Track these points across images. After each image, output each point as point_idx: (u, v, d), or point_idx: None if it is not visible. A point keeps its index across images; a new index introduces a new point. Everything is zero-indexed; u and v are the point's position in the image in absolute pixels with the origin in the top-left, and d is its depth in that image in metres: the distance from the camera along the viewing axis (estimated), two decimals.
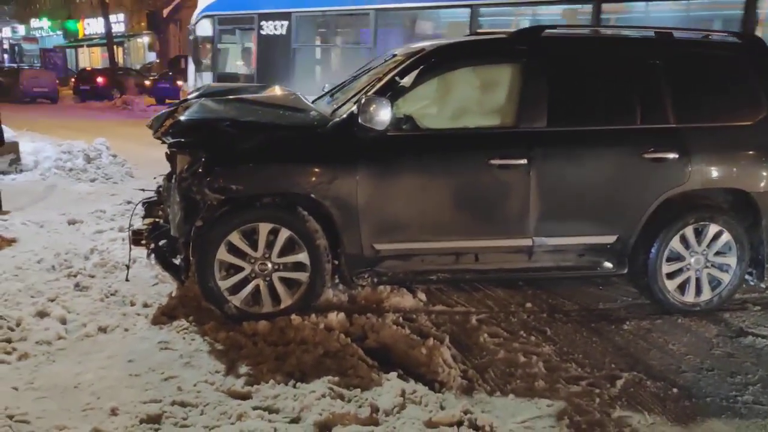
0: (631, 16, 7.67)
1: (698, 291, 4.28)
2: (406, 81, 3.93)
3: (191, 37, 11.38)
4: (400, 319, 4.00)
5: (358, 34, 9.76)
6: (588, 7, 7.28)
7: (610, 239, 4.16)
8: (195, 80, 11.24)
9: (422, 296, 4.41)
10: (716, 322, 4.18)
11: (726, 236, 4.22)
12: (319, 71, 10.06)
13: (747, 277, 4.43)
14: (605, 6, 7.23)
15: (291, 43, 9.80)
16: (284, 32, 9.85)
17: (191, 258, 3.81)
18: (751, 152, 4.23)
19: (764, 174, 4.23)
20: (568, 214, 4.09)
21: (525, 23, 8.09)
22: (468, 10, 7.97)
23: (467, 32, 7.09)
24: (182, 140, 3.91)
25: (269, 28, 10.01)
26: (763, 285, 4.73)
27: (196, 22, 11.13)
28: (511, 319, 4.13)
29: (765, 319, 4.26)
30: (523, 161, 3.95)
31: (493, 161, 3.93)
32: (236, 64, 11.25)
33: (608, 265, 4.22)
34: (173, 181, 3.90)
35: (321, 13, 9.80)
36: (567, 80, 4.14)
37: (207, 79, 10.93)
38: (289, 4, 9.83)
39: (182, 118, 4.11)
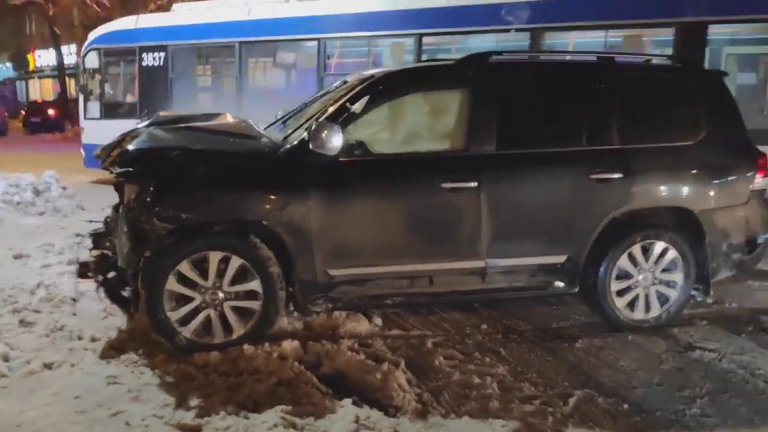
0: (566, 41, 8.03)
1: (647, 307, 4.38)
2: (357, 107, 3.97)
3: (80, 69, 12.06)
4: (356, 344, 3.97)
5: (227, 64, 10.79)
6: (526, 35, 7.71)
7: (561, 259, 4.23)
8: (85, 111, 11.87)
9: (378, 321, 4.40)
10: (665, 337, 4.27)
11: (672, 253, 4.35)
12: (194, 99, 10.98)
13: (693, 292, 4.55)
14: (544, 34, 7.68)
15: (168, 73, 10.83)
16: (162, 63, 10.91)
17: (140, 289, 3.73)
18: (692, 171, 4.37)
19: (705, 192, 4.38)
20: (519, 235, 4.15)
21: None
22: (316, 43, 8.91)
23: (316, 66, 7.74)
24: (130, 169, 3.85)
25: (149, 59, 11.05)
26: (709, 300, 4.89)
27: (85, 55, 11.80)
28: (467, 341, 4.15)
29: (712, 333, 4.38)
30: (474, 184, 4.01)
31: (444, 185, 3.98)
32: (121, 94, 12.01)
33: (560, 284, 4.29)
34: (121, 211, 3.84)
35: (193, 45, 10.84)
36: (515, 105, 4.23)
37: (94, 109, 11.73)
38: (165, 38, 10.82)
39: (130, 147, 4.05)
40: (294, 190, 3.81)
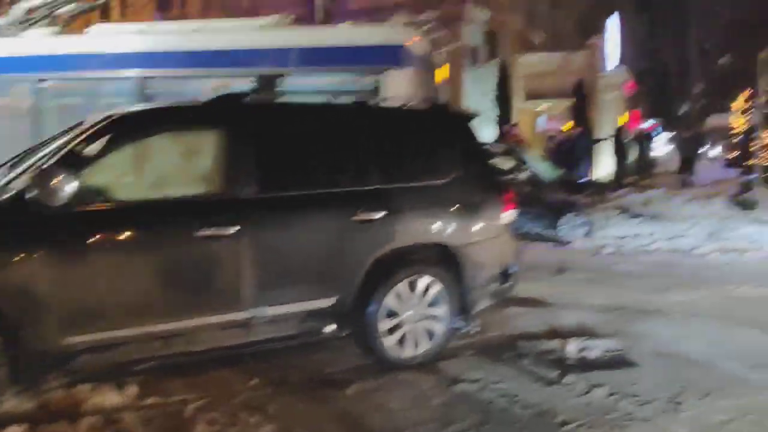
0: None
1: (416, 344, 4.42)
2: (92, 150, 3.52)
3: None
4: (101, 422, 3.45)
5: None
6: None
7: (330, 302, 4.12)
8: None
9: (133, 390, 3.89)
10: (433, 372, 4.33)
11: (436, 288, 4.46)
12: None
13: (458, 324, 4.71)
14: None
15: None
16: None
17: None
18: (448, 209, 4.55)
19: (461, 228, 4.57)
20: (285, 282, 3.97)
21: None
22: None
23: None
24: None
25: None
26: (475, 330, 5.11)
27: None
28: (233, 401, 3.83)
29: (476, 363, 4.53)
30: (233, 230, 3.75)
31: (198, 232, 3.67)
32: None
33: (331, 328, 4.17)
34: None
35: None
36: (274, 147, 4.08)
37: None
38: None
39: None
40: (12, 247, 3.24)
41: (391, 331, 4.33)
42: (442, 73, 9.41)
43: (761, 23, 24.33)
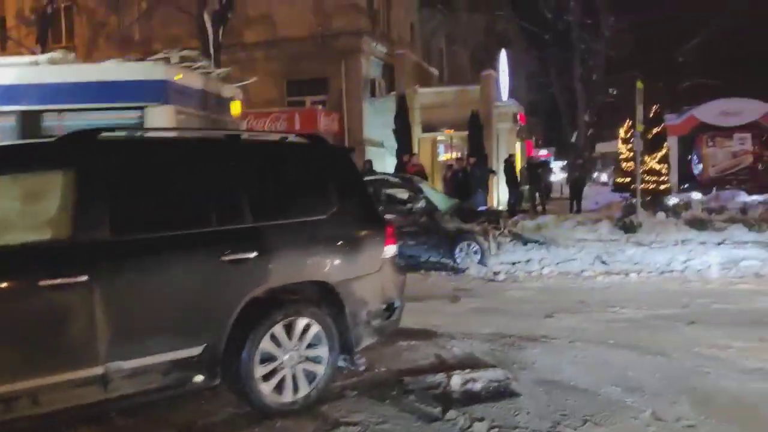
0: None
1: (295, 388, 4.21)
2: None
3: None
4: None
5: None
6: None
7: (197, 351, 3.85)
8: None
9: None
10: (314, 417, 4.13)
11: (315, 328, 4.28)
12: None
13: (342, 363, 4.55)
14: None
15: None
16: None
17: None
18: (327, 245, 4.42)
19: (340, 264, 4.45)
20: (145, 332, 3.68)
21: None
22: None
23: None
24: None
25: None
26: (361, 367, 4.98)
27: None
28: None
29: (359, 404, 4.37)
30: (84, 278, 3.44)
31: (43, 282, 3.34)
32: None
33: (199, 378, 3.89)
34: None
35: None
36: (132, 185, 3.82)
37: None
38: None
39: None
40: None
41: (268, 376, 4.10)
42: (235, 108, 9.72)
43: (636, 58, 26.22)
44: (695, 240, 11.49)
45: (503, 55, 22.70)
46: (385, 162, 19.04)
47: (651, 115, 19.79)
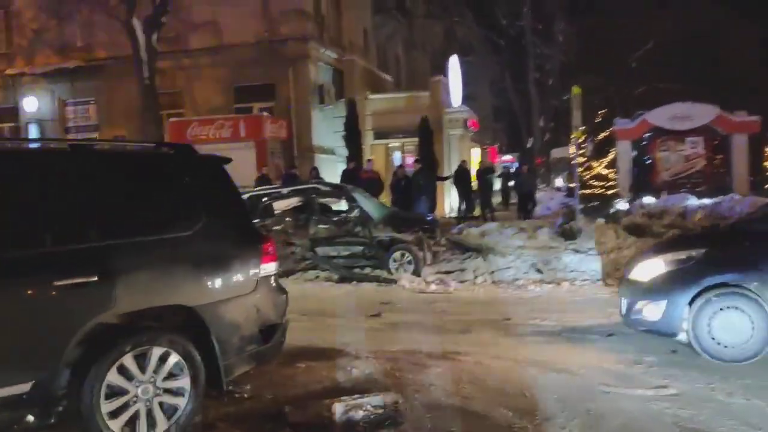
0: None
1: (152, 424, 3.81)
2: None
3: None
4: None
5: None
6: None
7: (25, 387, 3.42)
8: None
9: None
10: None
11: (174, 357, 3.89)
12: None
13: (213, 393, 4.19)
14: None
15: None
16: None
17: None
18: (187, 264, 4.05)
19: (205, 285, 4.08)
20: None
21: None
22: None
23: None
24: None
25: None
26: (246, 394, 4.63)
27: None
28: None
29: None
30: None
31: None
32: None
33: (30, 419, 3.48)
34: None
35: None
36: None
37: None
38: None
39: None
40: None
41: (117, 412, 3.70)
42: None
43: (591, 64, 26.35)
44: (633, 246, 11.33)
45: (454, 61, 22.55)
46: (336, 169, 18.66)
47: (598, 120, 19.79)
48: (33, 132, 21.54)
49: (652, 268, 5.56)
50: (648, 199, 19.18)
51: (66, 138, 20.47)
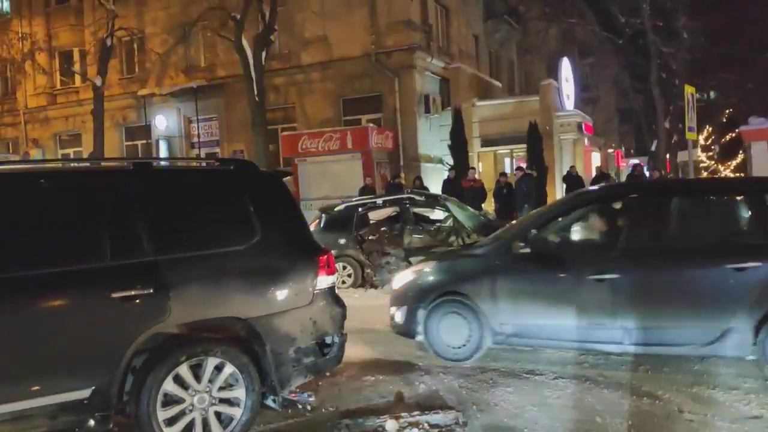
0: None
1: None
2: None
3: None
4: None
5: None
6: None
7: (85, 393, 3.65)
8: None
9: None
10: None
11: (229, 368, 4.00)
12: None
13: (271, 404, 4.25)
14: None
15: None
16: None
17: None
18: (244, 278, 4.15)
19: (258, 299, 4.16)
20: (24, 373, 3.52)
21: None
22: None
23: None
24: None
25: None
26: (309, 405, 4.66)
27: None
28: None
29: None
30: None
31: None
32: None
33: (91, 423, 3.69)
34: None
35: None
36: (10, 221, 3.66)
37: None
38: None
39: None
40: None
41: (173, 420, 3.85)
42: None
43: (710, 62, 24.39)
44: None
45: (565, 64, 21.69)
46: (443, 178, 18.56)
47: (724, 119, 18.23)
48: (162, 148, 23.26)
49: (403, 278, 6.33)
50: None
51: (189, 156, 21.95)
